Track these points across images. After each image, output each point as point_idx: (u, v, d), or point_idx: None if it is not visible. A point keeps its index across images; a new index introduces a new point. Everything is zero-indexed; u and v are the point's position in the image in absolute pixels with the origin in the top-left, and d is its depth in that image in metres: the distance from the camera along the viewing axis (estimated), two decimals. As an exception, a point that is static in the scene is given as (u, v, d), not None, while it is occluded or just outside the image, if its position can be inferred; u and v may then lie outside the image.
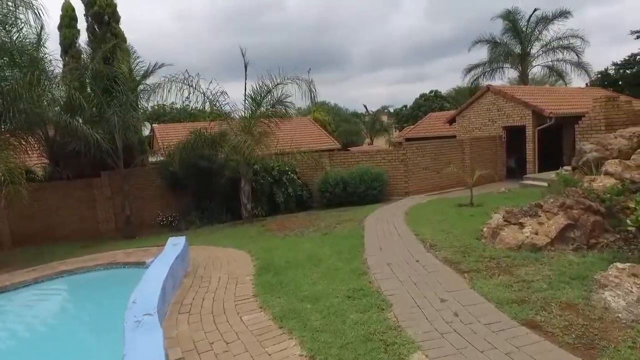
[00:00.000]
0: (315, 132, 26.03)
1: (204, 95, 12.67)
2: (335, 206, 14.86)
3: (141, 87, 14.41)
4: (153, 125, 26.08)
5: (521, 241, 5.58)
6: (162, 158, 16.14)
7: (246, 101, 12.62)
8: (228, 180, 14.92)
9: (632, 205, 5.27)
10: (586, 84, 28.43)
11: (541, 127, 17.28)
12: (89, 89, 13.90)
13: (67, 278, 8.07)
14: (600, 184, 6.39)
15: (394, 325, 3.80)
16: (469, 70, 29.43)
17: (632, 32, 25.49)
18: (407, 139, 27.13)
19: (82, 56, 14.39)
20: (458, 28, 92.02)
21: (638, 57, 26.11)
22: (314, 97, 12.61)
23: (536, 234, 5.60)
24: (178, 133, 18.53)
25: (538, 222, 5.77)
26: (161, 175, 15.59)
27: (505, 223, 6.16)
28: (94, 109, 13.85)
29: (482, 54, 44.45)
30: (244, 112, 12.97)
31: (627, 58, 26.62)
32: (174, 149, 14.19)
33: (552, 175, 11.93)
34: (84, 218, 14.90)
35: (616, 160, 8.24)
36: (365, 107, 52.25)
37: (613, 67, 27.37)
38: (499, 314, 3.76)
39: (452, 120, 21.99)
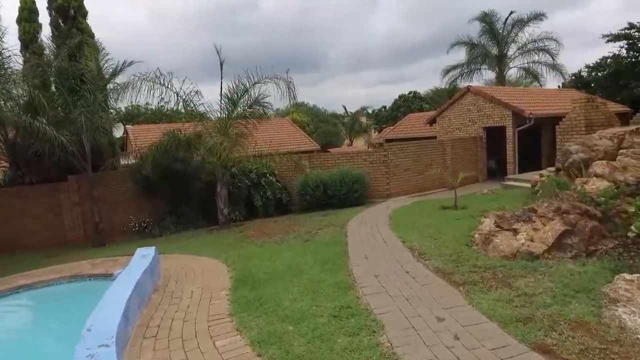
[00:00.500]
0: (294, 133, 25.56)
1: (177, 95, 12.01)
2: (315, 209, 14.41)
3: (111, 86, 13.62)
4: (126, 126, 25.07)
5: (516, 249, 5.25)
6: (134, 161, 15.35)
7: (222, 101, 12.02)
8: (204, 183, 14.30)
9: (630, 209, 5.03)
10: (558, 86, 28.96)
11: (521, 127, 17.27)
12: (53, 88, 13.02)
13: (25, 293, 7.32)
14: (594, 187, 6.15)
15: (387, 352, 3.36)
16: (448, 71, 29.62)
17: (603, 36, 26.00)
18: (387, 140, 26.93)
19: (45, 52, 13.47)
20: (435, 30, 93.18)
21: (609, 60, 26.65)
22: (294, 96, 12.14)
23: (532, 240, 5.28)
24: (153, 134, 17.73)
25: (533, 228, 5.46)
26: (133, 179, 14.81)
27: (497, 229, 5.84)
28: (58, 109, 12.99)
29: (460, 55, 44.75)
30: (220, 113, 12.37)
31: (598, 61, 27.14)
32: (146, 151, 13.45)
33: (535, 176, 11.82)
34: (49, 225, 13.98)
35: (603, 162, 8.07)
36: (344, 107, 52.10)
37: (586, 70, 27.87)
38: (505, 337, 3.37)
39: (432, 121, 21.86)
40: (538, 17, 27.03)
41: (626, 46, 25.68)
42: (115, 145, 16.42)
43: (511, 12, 27.23)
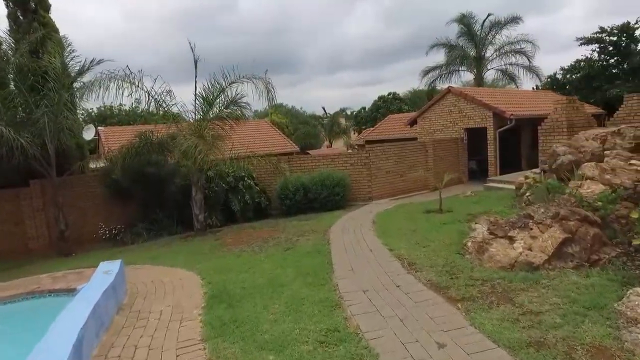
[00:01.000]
0: (273, 135, 24.99)
1: (149, 95, 11.31)
2: (295, 213, 13.91)
3: (77, 84, 12.76)
4: (98, 128, 23.98)
5: (514, 259, 4.89)
6: (105, 164, 14.50)
7: (197, 101, 11.37)
8: (179, 188, 13.60)
9: (634, 215, 4.73)
10: (533, 88, 29.35)
11: (502, 129, 17.19)
12: (12, 86, 12.10)
13: (-27, 313, 6.58)
14: (589, 190, 5.87)
15: (385, 390, 2.91)
16: (427, 72, 29.61)
17: (577, 39, 26.42)
18: (367, 142, 26.65)
19: (2, 47, 12.50)
20: (412, 33, 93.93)
21: (582, 62, 27.10)
22: (273, 97, 11.60)
23: (530, 249, 4.93)
24: (127, 136, 16.83)
25: (530, 235, 5.11)
26: (103, 183, 13.97)
27: (491, 236, 5.48)
28: (19, 108, 12.08)
29: (438, 57, 45.27)
30: (195, 114, 11.72)
31: (573, 63, 27.55)
32: (116, 153, 12.67)
33: (519, 178, 11.63)
34: (9, 234, 13.02)
35: (592, 164, 7.86)
36: (323, 109, 51.69)
37: (561, 72, 28.27)
38: (518, 368, 2.97)
39: (413, 122, 21.63)
40: (514, 20, 27.37)
41: (598, 49, 26.14)
42: (83, 148, 15.51)
43: (488, 15, 27.48)
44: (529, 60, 27.30)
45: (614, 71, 25.90)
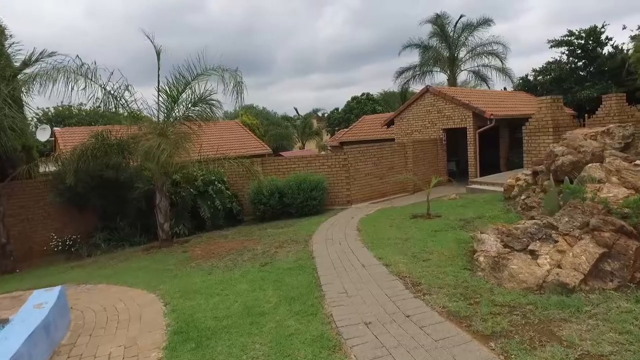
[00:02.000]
0: (245, 136, 23.85)
1: (104, 90, 10.04)
2: (270, 219, 12.93)
3: (22, 77, 11.26)
4: (55, 128, 22.13)
5: (541, 278, 4.11)
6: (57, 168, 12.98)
7: (160, 97, 10.15)
8: (142, 193, 12.32)
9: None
10: (503, 89, 29.53)
11: (482, 129, 16.76)
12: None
13: None
14: (610, 195, 5.20)
15: None
16: (400, 73, 29.30)
17: (548, 41, 26.75)
18: (342, 143, 25.93)
19: None
20: (381, 36, 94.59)
21: (553, 65, 27.46)
22: (242, 92, 10.46)
23: (559, 266, 4.17)
24: (86, 138, 15.32)
25: (557, 249, 4.36)
26: (56, 190, 12.48)
27: (507, 249, 4.70)
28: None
29: (410, 59, 45.23)
30: (158, 111, 10.49)
31: (544, 65, 27.85)
32: (68, 156, 11.26)
33: (508, 179, 11.08)
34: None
35: (597, 165, 7.29)
36: (295, 110, 50.67)
37: (533, 73, 28.55)
38: None
39: (389, 123, 21.01)
40: (486, 22, 27.51)
41: (567, 52, 26.51)
42: (31, 150, 13.90)
43: (461, 16, 27.47)
44: (501, 61, 27.45)
45: (581, 73, 26.31)
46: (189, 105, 10.88)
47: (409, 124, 19.48)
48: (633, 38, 22.03)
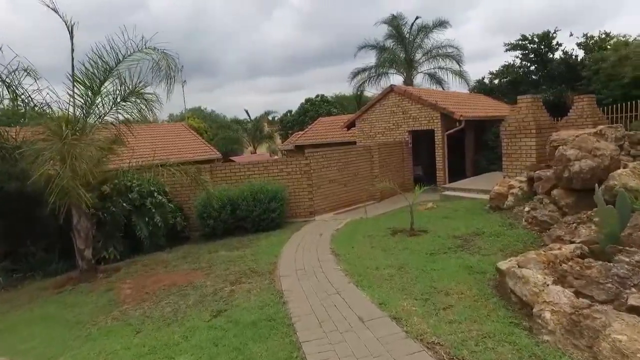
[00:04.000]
0: (192, 140, 21.51)
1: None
2: (222, 236, 10.94)
3: None
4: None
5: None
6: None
7: (74, 87, 7.81)
8: (60, 209, 9.87)
9: None
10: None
11: (450, 131, 15.71)
12: None
13: None
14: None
15: None
16: (356, 74, 28.31)
17: (505, 44, 26.76)
18: (297, 146, 24.26)
19: None
20: (330, 41, 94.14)
21: (510, 68, 27.57)
22: (175, 76, 8.43)
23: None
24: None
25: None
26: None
27: (584, 302, 3.19)
28: None
29: (366, 60, 44.62)
30: (74, 107, 8.15)
31: (501, 68, 27.81)
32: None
33: (495, 186, 9.88)
34: None
35: (628, 171, 6.10)
36: (246, 112, 48.24)
37: (489, 76, 28.47)
38: None
39: (350, 125, 19.56)
40: (442, 24, 27.20)
41: (521, 56, 26.64)
42: None
43: (417, 17, 26.90)
44: (459, 64, 27.18)
45: (534, 77, 26.51)
46: (118, 100, 8.68)
47: (372, 125, 18.11)
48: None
